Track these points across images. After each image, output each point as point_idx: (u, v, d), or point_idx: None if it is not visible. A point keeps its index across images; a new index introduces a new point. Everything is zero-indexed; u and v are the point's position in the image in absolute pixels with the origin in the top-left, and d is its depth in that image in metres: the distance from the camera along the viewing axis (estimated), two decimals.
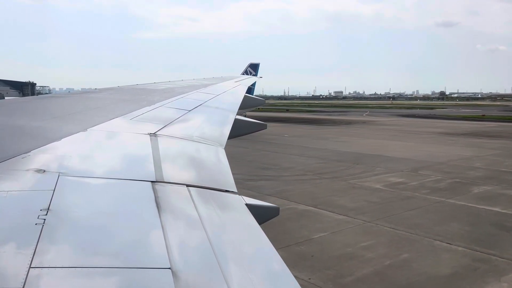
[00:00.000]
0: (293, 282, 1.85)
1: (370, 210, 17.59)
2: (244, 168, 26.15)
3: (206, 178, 3.23)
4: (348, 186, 21.95)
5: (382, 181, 23.06)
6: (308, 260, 12.49)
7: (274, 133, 48.91)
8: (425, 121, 71.89)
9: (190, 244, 2.09)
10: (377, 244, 13.81)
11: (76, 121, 4.55)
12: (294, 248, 13.35)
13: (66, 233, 1.94)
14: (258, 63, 54.82)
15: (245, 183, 21.81)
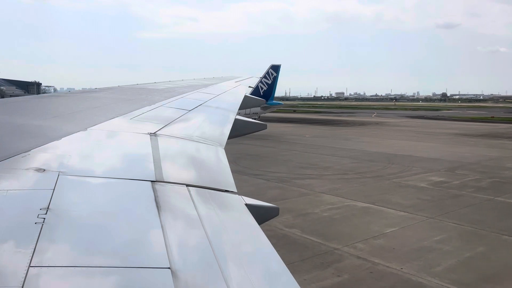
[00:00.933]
0: (293, 282, 1.85)
1: (426, 207, 18.16)
2: (283, 167, 27.07)
3: (206, 178, 3.23)
4: (394, 185, 22.54)
5: (424, 180, 23.63)
6: (391, 252, 13.11)
7: (293, 133, 49.81)
8: (436, 123, 72.23)
9: (189, 244, 2.09)
10: (449, 238, 14.43)
11: (76, 121, 4.55)
12: (372, 241, 13.99)
13: (66, 233, 1.94)
14: (279, 65, 55.10)
15: (293, 181, 22.73)
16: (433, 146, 38.22)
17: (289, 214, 16.88)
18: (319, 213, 17.23)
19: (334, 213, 17.31)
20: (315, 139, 43.87)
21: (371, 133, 52.09)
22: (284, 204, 17.98)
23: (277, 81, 54.81)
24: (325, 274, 11.52)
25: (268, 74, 53.92)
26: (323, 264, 12.19)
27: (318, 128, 59.51)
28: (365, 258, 12.54)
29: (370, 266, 11.98)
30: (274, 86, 54.83)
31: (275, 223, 15.54)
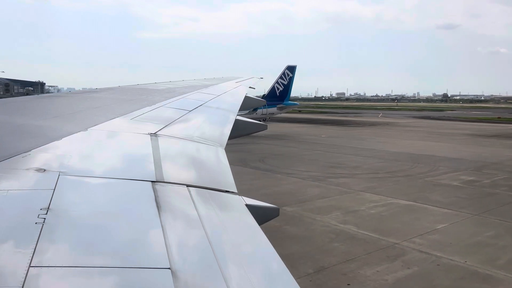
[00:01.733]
0: (292, 282, 1.85)
1: (466, 204, 18.43)
2: (313, 166, 27.52)
3: (206, 178, 3.23)
4: (427, 184, 22.89)
5: (455, 179, 24.01)
6: (449, 246, 13.45)
7: (308, 133, 50.09)
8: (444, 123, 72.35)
9: (189, 244, 2.09)
10: (500, 234, 14.69)
11: (77, 121, 4.55)
12: (428, 236, 14.33)
13: (66, 233, 1.94)
14: (295, 66, 55.49)
15: (328, 180, 23.17)
16: (451, 147, 38.58)
17: (337, 211, 17.38)
18: (366, 210, 17.68)
19: (380, 210, 17.76)
20: (333, 139, 44.22)
21: (385, 133, 52.39)
22: (328, 202, 18.74)
23: (292, 81, 55.20)
24: (395, 267, 11.90)
25: (284, 74, 54.26)
26: (389, 257, 12.58)
27: (330, 128, 59.81)
28: (427, 252, 12.95)
29: (434, 259, 12.40)
30: (290, 87, 55.20)
31: (328, 219, 16.20)
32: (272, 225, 14.81)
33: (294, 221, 15.92)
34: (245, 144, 39.25)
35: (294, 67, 55.37)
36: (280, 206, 13.12)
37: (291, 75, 54.49)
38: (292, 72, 54.74)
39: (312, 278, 11.24)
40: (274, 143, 39.98)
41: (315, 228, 15.35)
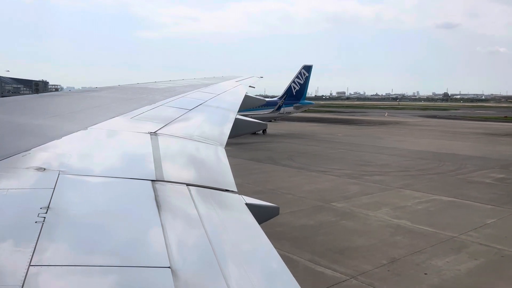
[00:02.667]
0: (292, 281, 1.85)
1: (507, 201, 18.92)
2: (342, 164, 28.03)
3: (206, 177, 3.23)
4: (461, 181, 23.35)
5: (486, 177, 24.43)
6: (506, 239, 13.92)
7: (324, 132, 50.61)
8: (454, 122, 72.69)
9: (189, 243, 2.09)
10: None
11: (77, 120, 4.55)
12: (482, 230, 14.79)
13: (66, 232, 1.94)
14: (311, 65, 56.03)
15: (364, 178, 23.70)
16: (469, 145, 39.02)
17: (385, 207, 17.85)
18: (413, 206, 18.16)
19: (426, 206, 18.21)
20: (350, 138, 44.62)
21: (398, 132, 52.89)
22: (373, 198, 19.25)
23: (308, 81, 55.75)
24: (462, 258, 12.38)
25: (300, 74, 54.90)
26: (453, 249, 13.03)
27: (343, 127, 60.24)
28: (486, 244, 13.37)
29: (497, 252, 12.80)
30: (306, 86, 55.84)
31: (380, 215, 16.75)
32: (328, 221, 15.91)
33: (349, 217, 16.49)
34: (265, 142, 40.38)
35: (310, 66, 55.93)
36: (327, 202, 13.80)
37: (307, 74, 55.08)
38: (308, 71, 55.36)
39: (389, 268, 11.77)
40: (294, 141, 40.62)
41: (371, 223, 15.90)
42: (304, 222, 15.89)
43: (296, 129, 54.99)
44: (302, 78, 54.75)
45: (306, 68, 55.26)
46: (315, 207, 17.71)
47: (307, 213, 16.90)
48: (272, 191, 20.46)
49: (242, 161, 28.96)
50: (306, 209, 17.36)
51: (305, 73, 54.98)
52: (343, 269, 11.68)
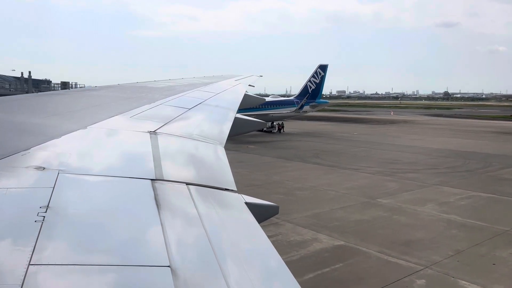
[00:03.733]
0: (291, 280, 1.86)
1: None
2: (371, 162, 28.86)
3: (205, 177, 3.23)
4: (492, 178, 24.07)
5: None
6: None
7: (339, 131, 51.70)
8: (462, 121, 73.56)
9: (189, 242, 2.09)
10: None
11: (76, 119, 4.55)
12: None
13: (66, 231, 1.94)
14: (326, 64, 56.75)
15: (397, 175, 24.48)
16: (487, 144, 39.77)
17: (430, 203, 18.46)
18: (456, 202, 18.76)
19: (469, 202, 18.83)
20: (366, 137, 45.46)
21: (411, 131, 53.56)
22: (414, 195, 19.97)
23: (324, 80, 56.33)
24: None
25: (316, 73, 55.62)
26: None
27: (354, 126, 61.01)
28: None
29: None
30: (322, 85, 56.52)
31: (428, 210, 17.41)
32: (381, 216, 16.63)
33: (399, 212, 17.15)
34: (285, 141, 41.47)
35: (326, 66, 56.64)
36: (372, 198, 15.38)
37: (323, 73, 55.82)
38: (324, 71, 56.07)
39: (458, 259, 12.34)
40: (313, 140, 41.59)
41: (423, 218, 16.50)
42: (358, 217, 16.62)
43: (309, 128, 55.97)
44: (318, 77, 55.54)
45: (322, 68, 56.00)
46: (363, 203, 18.47)
47: (358, 209, 17.64)
48: (313, 188, 21.18)
49: (272, 159, 29.96)
50: (355, 205, 18.11)
51: (321, 72, 55.73)
52: (415, 260, 12.39)
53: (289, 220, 15.77)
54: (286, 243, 13.68)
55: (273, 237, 14.03)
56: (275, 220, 15.47)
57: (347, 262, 12.26)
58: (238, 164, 27.60)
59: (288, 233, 14.57)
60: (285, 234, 14.50)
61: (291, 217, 16.08)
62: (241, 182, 23.35)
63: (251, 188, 20.88)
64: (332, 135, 47.51)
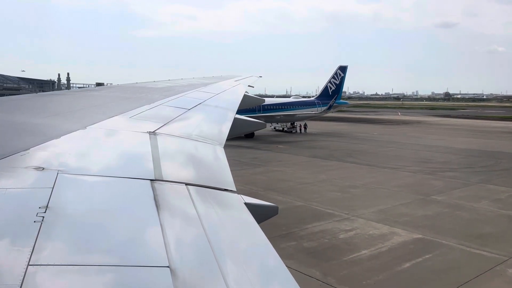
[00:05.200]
0: (290, 279, 1.86)
1: None
2: (406, 161, 29.16)
3: (205, 177, 3.23)
4: None
5: None
6: None
7: (358, 131, 52.05)
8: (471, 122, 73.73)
9: (188, 242, 2.09)
10: None
11: (76, 119, 4.55)
12: None
13: (65, 231, 1.94)
14: (346, 66, 57.17)
15: (437, 174, 24.87)
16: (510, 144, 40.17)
17: (483, 200, 18.95)
18: (508, 199, 19.27)
19: None
20: (388, 137, 45.82)
21: (428, 131, 53.82)
22: (464, 192, 20.30)
23: (344, 81, 56.78)
24: None
25: (336, 74, 56.05)
26: None
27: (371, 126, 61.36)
28: None
29: None
30: (342, 86, 57.04)
31: (485, 206, 17.92)
32: (443, 212, 17.09)
33: (459, 208, 17.56)
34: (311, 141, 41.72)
35: (346, 67, 57.04)
36: (427, 195, 16.13)
37: (343, 74, 56.20)
38: (344, 72, 56.48)
39: None
40: (337, 140, 42.18)
41: (484, 213, 16.89)
42: (422, 212, 17.02)
43: (326, 128, 56.42)
44: (337, 78, 55.96)
45: (342, 69, 56.45)
46: (419, 199, 18.87)
47: (418, 205, 18.05)
48: (364, 186, 21.62)
49: (308, 159, 30.30)
50: (413, 202, 18.51)
51: (341, 73, 56.17)
52: (497, 251, 12.83)
53: (358, 216, 16.44)
54: (368, 236, 14.29)
55: (352, 231, 14.73)
56: (345, 215, 16.39)
57: (434, 253, 12.85)
58: (279, 163, 28.37)
59: (364, 228, 15.16)
60: (362, 228, 15.11)
61: (359, 213, 16.77)
62: (291, 180, 22.60)
63: (305, 186, 21.52)
64: (352, 135, 47.84)
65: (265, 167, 26.94)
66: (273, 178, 23.71)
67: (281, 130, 52.29)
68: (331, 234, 14.30)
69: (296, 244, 13.38)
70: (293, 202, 18.30)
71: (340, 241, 13.68)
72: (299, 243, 13.45)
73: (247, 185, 21.34)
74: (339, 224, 15.39)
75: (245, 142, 40.37)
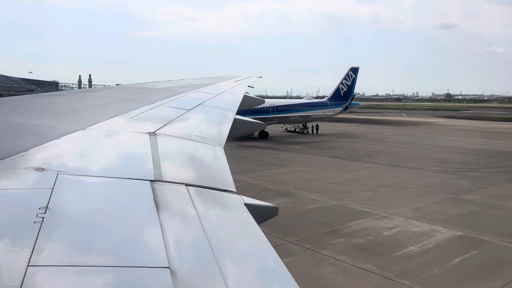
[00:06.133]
0: (290, 280, 1.85)
1: None
2: (426, 162, 29.54)
3: (205, 178, 3.23)
4: None
5: None
6: None
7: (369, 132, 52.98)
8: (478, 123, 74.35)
9: (188, 243, 2.08)
10: None
11: (76, 120, 4.54)
12: None
13: (65, 232, 1.94)
14: (358, 67, 57.81)
15: (461, 174, 25.57)
16: None
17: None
18: None
19: None
20: (401, 138, 46.60)
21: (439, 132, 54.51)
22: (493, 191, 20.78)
23: (355, 82, 57.35)
24: None
25: (348, 76, 56.69)
26: None
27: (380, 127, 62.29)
28: None
29: None
30: (353, 87, 57.63)
31: None
32: (476, 210, 17.49)
33: (491, 207, 18.02)
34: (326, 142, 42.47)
35: (357, 68, 57.64)
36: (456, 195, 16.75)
37: (354, 76, 56.78)
38: (355, 73, 57.05)
39: None
40: (352, 141, 42.92)
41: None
42: (457, 211, 17.44)
43: (337, 129, 57.40)
44: (349, 80, 56.63)
45: (353, 70, 57.05)
46: (450, 199, 19.35)
47: (450, 204, 18.49)
48: (392, 185, 22.12)
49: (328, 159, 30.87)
50: (444, 201, 18.99)
51: (352, 74, 56.76)
52: None
53: (396, 214, 16.93)
54: (411, 233, 14.72)
55: (395, 229, 15.20)
56: (383, 214, 16.86)
57: (480, 249, 13.24)
58: (301, 163, 28.89)
59: (405, 225, 15.58)
60: (403, 226, 15.54)
61: (396, 211, 17.22)
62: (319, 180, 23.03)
63: (334, 186, 21.95)
64: (365, 136, 48.53)
65: (289, 167, 27.46)
66: (300, 177, 24.15)
67: (293, 130, 52.80)
68: (375, 231, 14.84)
69: (344, 240, 13.90)
70: (328, 201, 18.84)
71: (385, 238, 14.22)
72: (347, 240, 13.97)
73: (278, 185, 22.03)
74: (380, 222, 15.87)
75: (261, 142, 41.33)
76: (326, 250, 12.91)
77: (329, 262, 12.15)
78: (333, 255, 12.56)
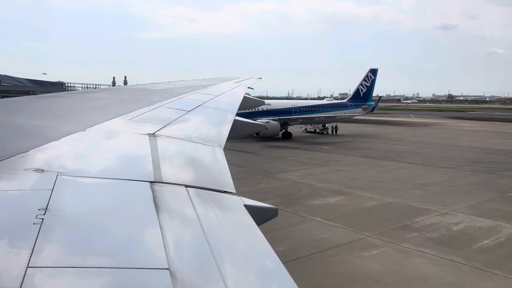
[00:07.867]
0: (290, 282, 1.85)
1: None
2: (458, 162, 29.99)
3: (204, 179, 3.23)
4: None
5: None
6: None
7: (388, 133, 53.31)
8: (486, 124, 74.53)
9: (188, 244, 2.08)
10: None
11: (75, 121, 4.54)
12: None
13: (64, 233, 1.94)
14: (377, 68, 58.32)
15: (497, 173, 25.78)
16: None
17: None
18: None
19: None
20: (421, 138, 46.83)
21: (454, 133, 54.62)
22: None
23: (374, 83, 57.95)
24: None
25: (367, 77, 57.22)
26: None
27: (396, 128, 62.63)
28: None
29: None
30: (372, 88, 58.31)
31: None
32: None
33: None
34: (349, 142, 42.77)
35: (376, 70, 58.18)
36: (503, 193, 17.10)
37: (374, 77, 57.35)
38: (375, 74, 57.62)
39: None
40: (375, 141, 43.35)
41: None
42: (510, 208, 17.70)
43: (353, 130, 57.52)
44: (368, 81, 57.17)
45: (373, 71, 57.56)
46: (499, 196, 19.80)
47: (502, 201, 18.95)
48: (437, 184, 22.40)
49: (362, 159, 31.03)
50: (495, 198, 19.39)
51: (372, 76, 57.30)
52: None
53: (455, 210, 17.25)
54: (478, 228, 15.09)
55: (461, 224, 15.55)
56: (442, 210, 17.17)
57: None
58: (338, 163, 29.09)
59: (469, 221, 15.90)
60: (467, 222, 15.85)
61: (453, 208, 17.55)
62: (364, 179, 23.32)
63: (382, 184, 22.23)
64: (385, 136, 48.80)
65: (329, 167, 27.64)
66: (345, 177, 24.34)
67: (312, 131, 52.92)
68: (444, 226, 15.18)
69: (419, 235, 14.19)
70: (383, 198, 19.10)
71: (457, 233, 14.57)
72: (422, 234, 14.26)
73: (327, 183, 22.27)
74: (444, 218, 16.17)
75: (287, 143, 41.52)
76: (407, 243, 13.24)
77: (415, 254, 12.47)
78: (416, 247, 12.90)
